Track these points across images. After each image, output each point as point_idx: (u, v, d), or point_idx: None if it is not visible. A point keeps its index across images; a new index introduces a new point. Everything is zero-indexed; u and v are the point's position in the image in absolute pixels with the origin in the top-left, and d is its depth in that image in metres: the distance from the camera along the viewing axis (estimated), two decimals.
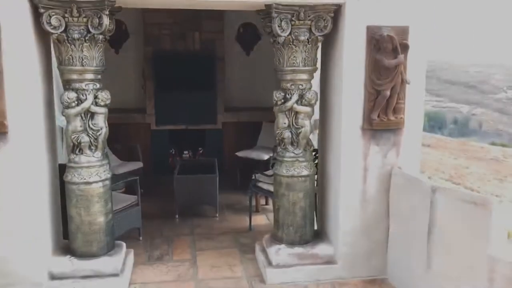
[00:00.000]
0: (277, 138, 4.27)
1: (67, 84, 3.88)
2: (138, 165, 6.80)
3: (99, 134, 3.97)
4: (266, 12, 4.06)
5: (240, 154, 7.02)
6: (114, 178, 6.19)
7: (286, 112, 4.19)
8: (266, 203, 6.20)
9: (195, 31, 7.66)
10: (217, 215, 5.87)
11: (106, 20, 3.70)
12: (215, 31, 7.71)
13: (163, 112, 7.73)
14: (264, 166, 6.58)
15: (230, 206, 6.25)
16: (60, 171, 4.18)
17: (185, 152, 7.90)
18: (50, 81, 4.10)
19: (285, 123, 4.20)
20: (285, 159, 4.21)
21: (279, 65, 4.13)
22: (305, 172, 4.20)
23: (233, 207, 6.22)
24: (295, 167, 4.19)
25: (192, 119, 7.77)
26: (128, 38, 7.98)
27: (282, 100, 4.17)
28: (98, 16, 3.71)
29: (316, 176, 4.42)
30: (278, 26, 3.94)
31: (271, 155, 6.68)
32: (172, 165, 7.61)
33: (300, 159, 4.20)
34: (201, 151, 7.94)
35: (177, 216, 5.77)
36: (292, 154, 4.20)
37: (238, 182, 6.89)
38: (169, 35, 7.60)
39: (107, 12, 3.69)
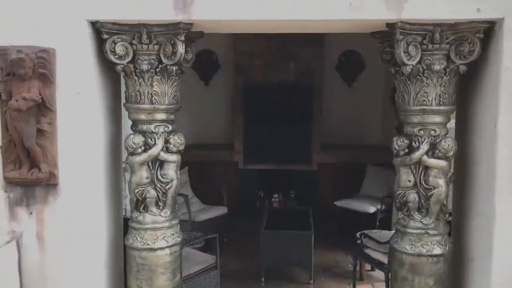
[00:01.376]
0: (397, 201, 3.19)
1: (134, 126, 3.15)
2: (222, 210, 6.04)
3: (169, 188, 3.18)
4: (385, 34, 3.06)
5: (339, 203, 5.96)
6: (195, 226, 5.52)
7: (412, 167, 3.09)
8: (372, 269, 5.05)
9: (290, 60, 6.89)
10: (311, 281, 4.85)
11: (180, 48, 2.92)
12: (313, 60, 6.88)
13: (252, 149, 6.98)
14: (368, 220, 5.49)
15: (327, 269, 5.19)
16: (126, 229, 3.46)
17: (275, 195, 7.02)
18: (117, 121, 3.40)
19: (409, 181, 3.11)
20: (409, 230, 3.10)
21: (403, 104, 3.08)
22: (437, 250, 3.05)
23: (330, 271, 5.16)
24: (424, 243, 3.06)
25: (284, 158, 6.93)
26: (218, 69, 7.42)
27: (406, 150, 3.09)
28: (172, 42, 2.95)
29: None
30: (404, 52, 2.91)
31: (379, 207, 5.57)
32: (260, 210, 6.79)
33: (431, 231, 3.07)
34: (293, 195, 7.02)
35: (263, 279, 4.84)
36: (419, 225, 3.09)
37: (336, 238, 5.81)
38: (261, 65, 6.90)
39: (182, 38, 2.92)
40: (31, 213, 2.97)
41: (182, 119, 7.30)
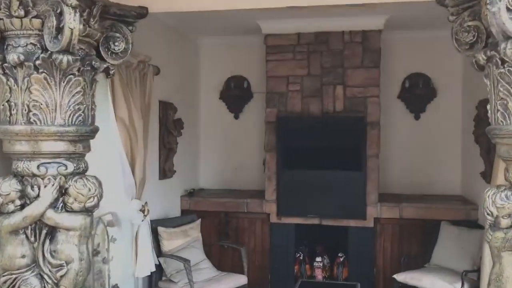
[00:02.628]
0: None
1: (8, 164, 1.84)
2: (239, 281, 4.54)
3: (63, 276, 1.79)
4: None
5: (400, 277, 4.26)
6: None
7: None
8: None
9: (336, 85, 5.44)
10: None
11: (70, 19, 1.60)
12: (366, 85, 5.39)
13: (289, 198, 5.49)
14: None
15: None
16: None
17: (318, 259, 5.44)
18: None
19: None
20: None
21: (504, 121, 1.53)
22: None
23: None
24: None
25: (329, 210, 5.38)
26: (251, 99, 6.19)
27: None
28: (58, 11, 1.64)
29: None
30: (509, 9, 1.40)
31: (458, 287, 3.83)
32: (297, 277, 5.30)
33: None
34: (341, 259, 5.39)
35: None
36: None
37: None
38: (299, 92, 5.50)
39: (73, 2, 1.60)
40: None
41: (212, 158, 6.18)
